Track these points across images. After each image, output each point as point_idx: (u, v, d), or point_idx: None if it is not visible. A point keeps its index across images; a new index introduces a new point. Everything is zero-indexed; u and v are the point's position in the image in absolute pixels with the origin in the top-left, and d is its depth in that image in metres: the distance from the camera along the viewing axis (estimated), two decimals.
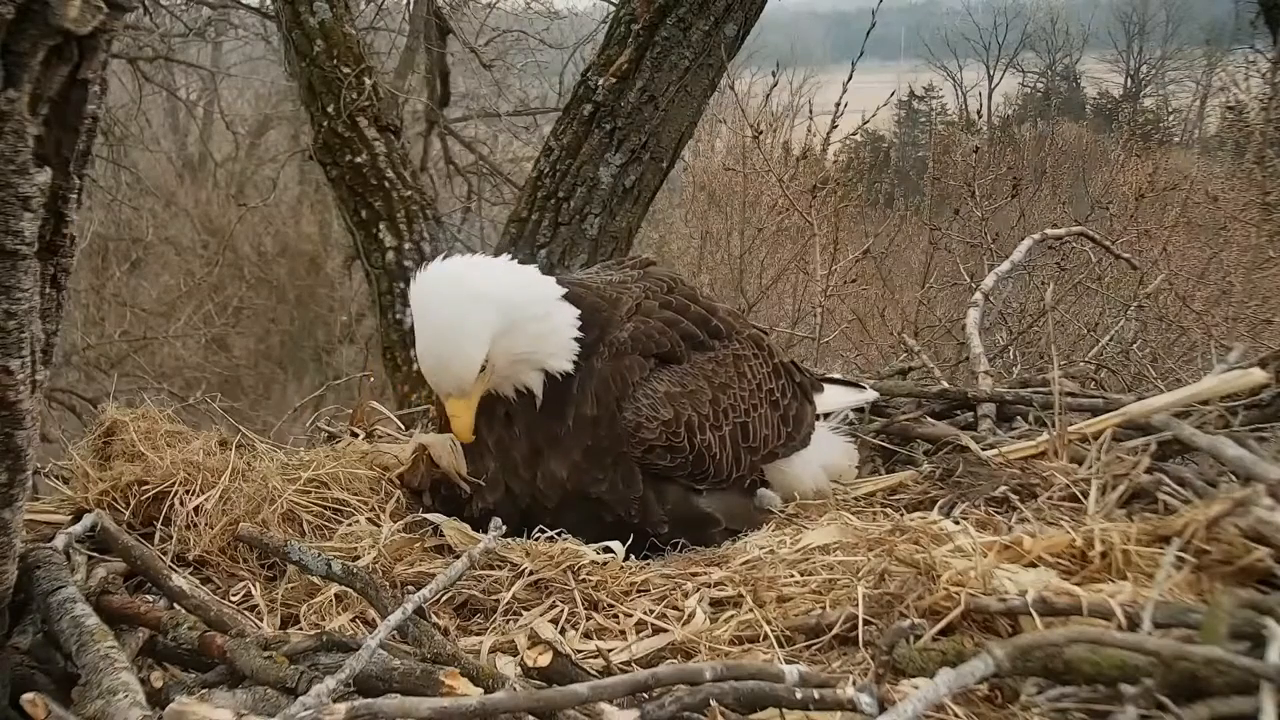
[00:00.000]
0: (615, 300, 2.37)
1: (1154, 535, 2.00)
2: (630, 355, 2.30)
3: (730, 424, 2.38)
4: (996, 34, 32.94)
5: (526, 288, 2.28)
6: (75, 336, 10.92)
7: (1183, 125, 27.81)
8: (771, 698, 1.52)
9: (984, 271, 5.36)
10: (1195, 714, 1.48)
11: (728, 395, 2.40)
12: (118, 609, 1.90)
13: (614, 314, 2.33)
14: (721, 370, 2.42)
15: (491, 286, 2.19)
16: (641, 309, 2.39)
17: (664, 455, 2.29)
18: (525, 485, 2.31)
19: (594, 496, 2.29)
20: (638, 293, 2.43)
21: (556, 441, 2.28)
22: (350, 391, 4.59)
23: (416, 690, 1.55)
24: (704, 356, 2.41)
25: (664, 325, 2.38)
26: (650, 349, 2.34)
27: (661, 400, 2.29)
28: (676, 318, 2.41)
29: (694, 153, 11.93)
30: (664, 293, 2.47)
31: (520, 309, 2.20)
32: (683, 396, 2.31)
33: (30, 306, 1.54)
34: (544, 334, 2.24)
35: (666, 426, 2.27)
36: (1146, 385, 4.05)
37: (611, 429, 2.26)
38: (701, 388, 2.36)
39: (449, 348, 2.14)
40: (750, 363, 2.50)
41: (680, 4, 4.64)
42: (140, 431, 2.45)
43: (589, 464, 2.28)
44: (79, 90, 1.50)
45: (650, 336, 2.35)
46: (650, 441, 2.27)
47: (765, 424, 2.48)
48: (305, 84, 5.55)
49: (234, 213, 13.74)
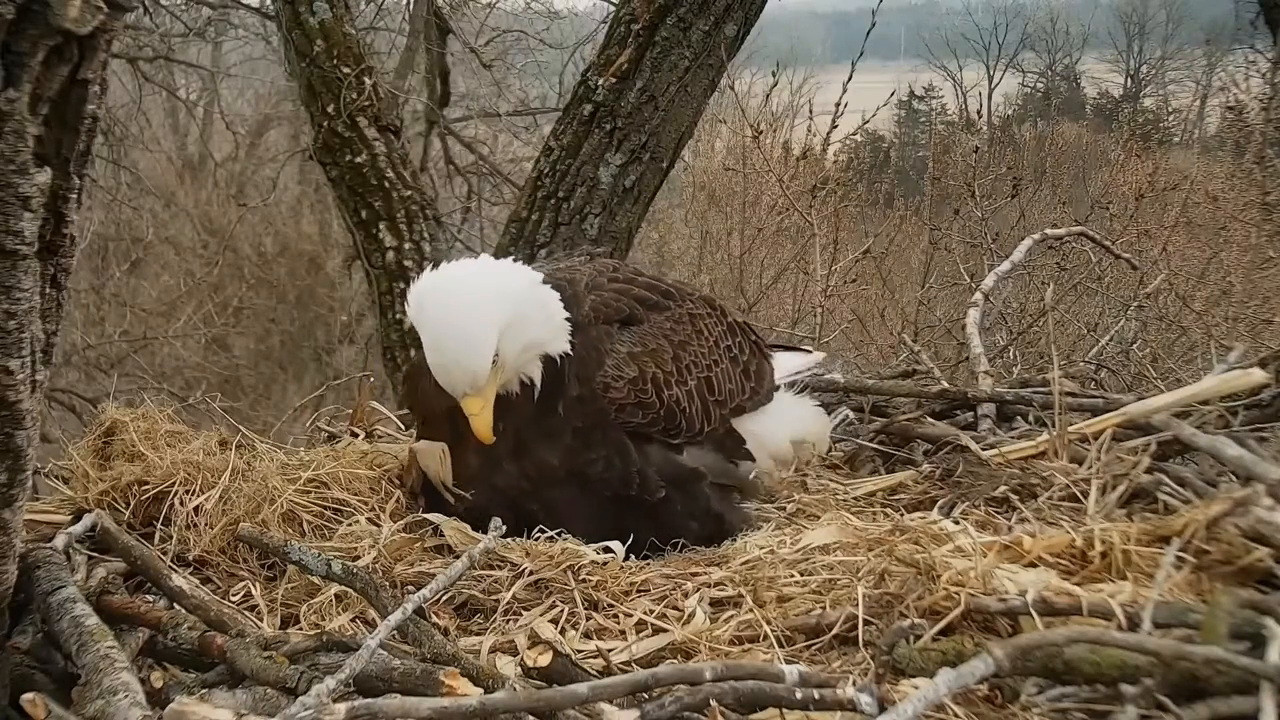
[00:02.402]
0: (572, 280, 2.43)
1: (1154, 535, 2.00)
2: (596, 326, 2.37)
3: (694, 379, 2.45)
4: (996, 34, 32.98)
5: (518, 279, 2.32)
6: (75, 336, 10.91)
7: (1183, 125, 27.78)
8: (771, 698, 1.52)
9: (984, 271, 5.36)
10: (1195, 714, 1.48)
11: (688, 352, 2.46)
12: (118, 609, 1.91)
13: (575, 291, 2.39)
14: (679, 328, 2.49)
15: (488, 283, 2.25)
16: (593, 285, 2.46)
17: (635, 412, 2.34)
18: (511, 479, 2.33)
19: (592, 476, 2.32)
20: (589, 272, 2.50)
21: (546, 430, 2.31)
22: (350, 391, 4.59)
23: (416, 690, 1.55)
24: (661, 316, 2.48)
25: (616, 294, 2.45)
26: (611, 316, 2.41)
27: (625, 360, 2.35)
28: (628, 286, 2.49)
29: (694, 153, 11.92)
30: (611, 270, 2.56)
31: (522, 300, 2.25)
32: (645, 355, 2.38)
33: (30, 306, 1.54)
34: (543, 319, 2.28)
35: (634, 385, 2.33)
36: (1146, 385, 4.05)
37: (594, 402, 2.32)
38: (662, 345, 2.42)
39: (460, 347, 2.16)
40: (705, 320, 2.57)
41: (680, 4, 4.63)
42: (140, 431, 2.45)
43: (581, 445, 2.32)
44: (79, 90, 1.50)
45: (608, 305, 2.42)
46: (620, 400, 2.32)
47: (728, 378, 2.55)
48: (305, 84, 5.54)
49: (234, 213, 13.73)
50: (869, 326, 7.36)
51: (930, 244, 7.78)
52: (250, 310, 14.22)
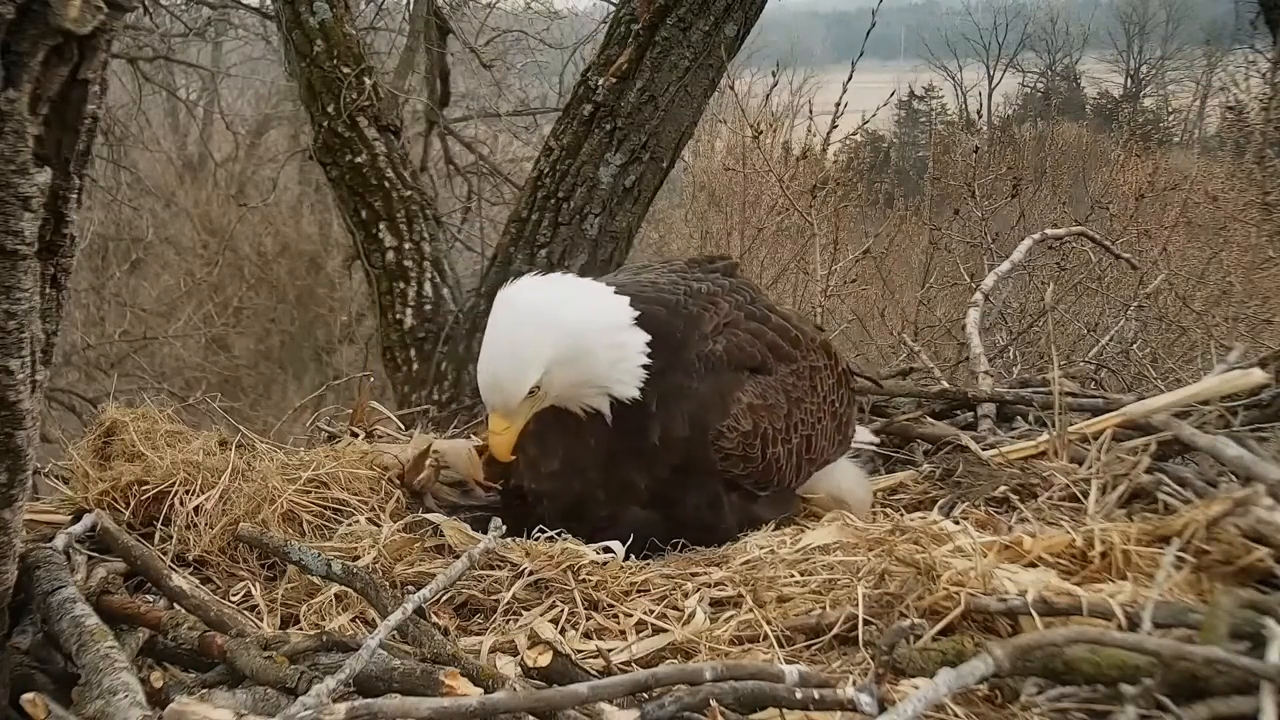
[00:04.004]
0: (696, 317, 2.37)
1: (1154, 535, 2.00)
2: (727, 371, 2.34)
3: (798, 436, 2.43)
4: (996, 34, 33.01)
5: (598, 315, 2.26)
6: (75, 336, 10.90)
7: (1183, 125, 27.81)
8: (771, 698, 1.52)
9: (984, 271, 5.36)
10: (1195, 714, 1.48)
11: (800, 410, 2.44)
12: (118, 609, 1.90)
13: (691, 334, 2.34)
14: (800, 384, 2.46)
15: (560, 313, 2.20)
16: (730, 320, 2.41)
17: (738, 464, 2.33)
18: (591, 486, 2.31)
19: (676, 515, 2.31)
20: (726, 307, 2.43)
21: (637, 454, 2.28)
22: (350, 391, 4.59)
23: (416, 690, 1.55)
24: (786, 369, 2.44)
25: (752, 337, 2.41)
26: (743, 362, 2.38)
27: (745, 411, 2.32)
28: (762, 329, 2.44)
29: (694, 153, 11.91)
30: (748, 303, 2.49)
31: (587, 339, 2.20)
32: (763, 409, 2.35)
33: (30, 306, 1.54)
34: (611, 362, 2.24)
35: (745, 438, 2.31)
36: (1146, 385, 4.06)
37: (702, 449, 2.29)
38: (780, 401, 2.40)
39: (503, 367, 2.17)
40: (821, 374, 2.54)
41: (680, 4, 4.63)
42: (140, 431, 2.45)
43: (675, 482, 2.30)
44: (79, 90, 1.50)
45: (742, 349, 2.38)
46: (728, 450, 2.31)
47: (825, 436, 2.54)
48: (305, 84, 5.54)
49: (234, 213, 13.72)
50: (869, 326, 7.36)
51: (930, 244, 7.78)
52: (250, 310, 14.21)
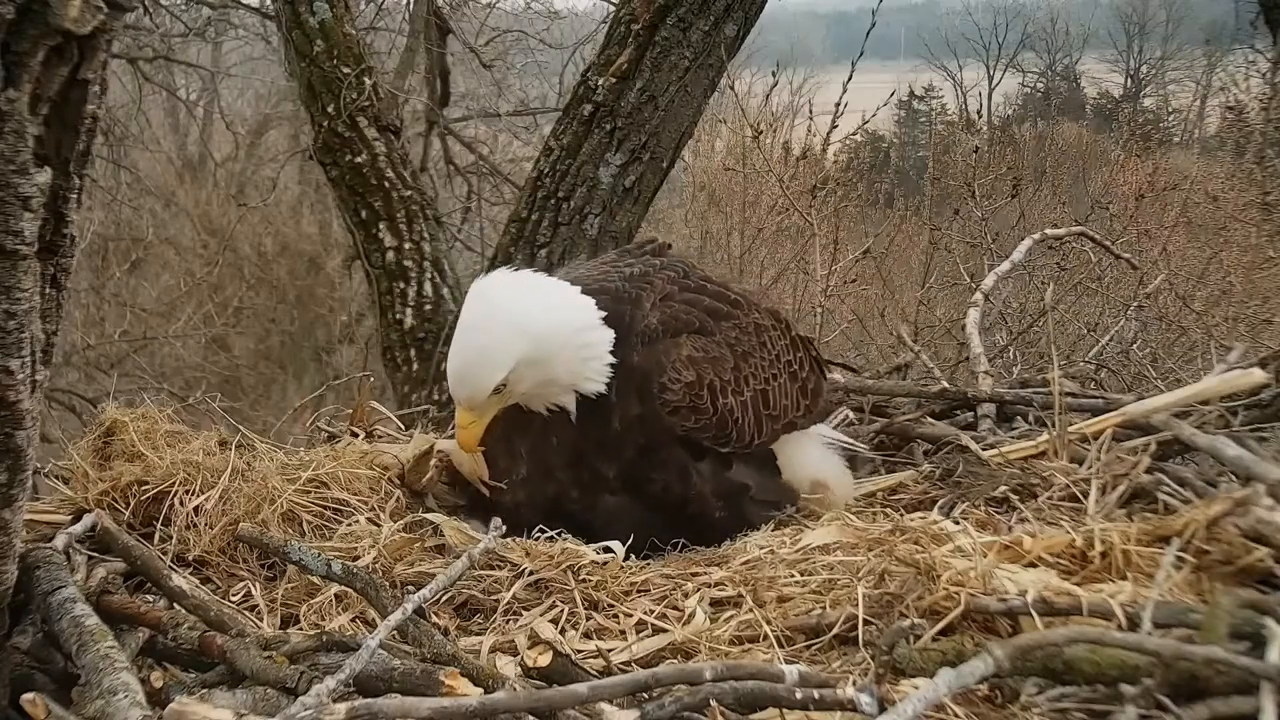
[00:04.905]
0: (635, 299, 2.40)
1: (1154, 535, 2.00)
2: (663, 340, 2.34)
3: (752, 390, 2.43)
4: (996, 34, 32.97)
5: (568, 316, 2.29)
6: (75, 336, 10.89)
7: (1183, 125, 27.81)
8: (771, 698, 1.52)
9: (984, 271, 5.36)
10: (1195, 714, 1.48)
11: (749, 363, 2.44)
12: (118, 609, 1.90)
13: (635, 316, 2.36)
14: (744, 338, 2.47)
15: (532, 315, 2.22)
16: (665, 295, 2.43)
17: (688, 416, 2.31)
18: (562, 486, 2.33)
19: (649, 495, 2.32)
20: (660, 284, 2.46)
21: (601, 445, 2.30)
22: (350, 391, 4.59)
23: (416, 690, 1.55)
24: (728, 325, 2.45)
25: (687, 305, 2.43)
26: (680, 329, 2.38)
27: (684, 362, 2.32)
28: (698, 297, 2.47)
29: (694, 153, 11.91)
30: (682, 276, 2.52)
31: (556, 341, 2.23)
32: (705, 361, 2.35)
33: (30, 306, 1.54)
34: (580, 360, 2.27)
35: (690, 389, 2.31)
36: (1146, 385, 4.05)
37: (656, 420, 2.30)
38: (724, 354, 2.40)
39: (471, 361, 2.19)
40: (770, 333, 2.55)
41: (680, 4, 4.64)
42: (140, 431, 2.45)
43: (642, 463, 2.32)
44: (79, 90, 1.50)
45: (677, 318, 2.39)
46: (675, 404, 2.30)
47: (785, 394, 2.53)
48: (305, 84, 5.55)
49: (234, 213, 13.71)
50: (869, 326, 7.35)
51: (930, 244, 7.77)
52: (250, 310, 14.21)
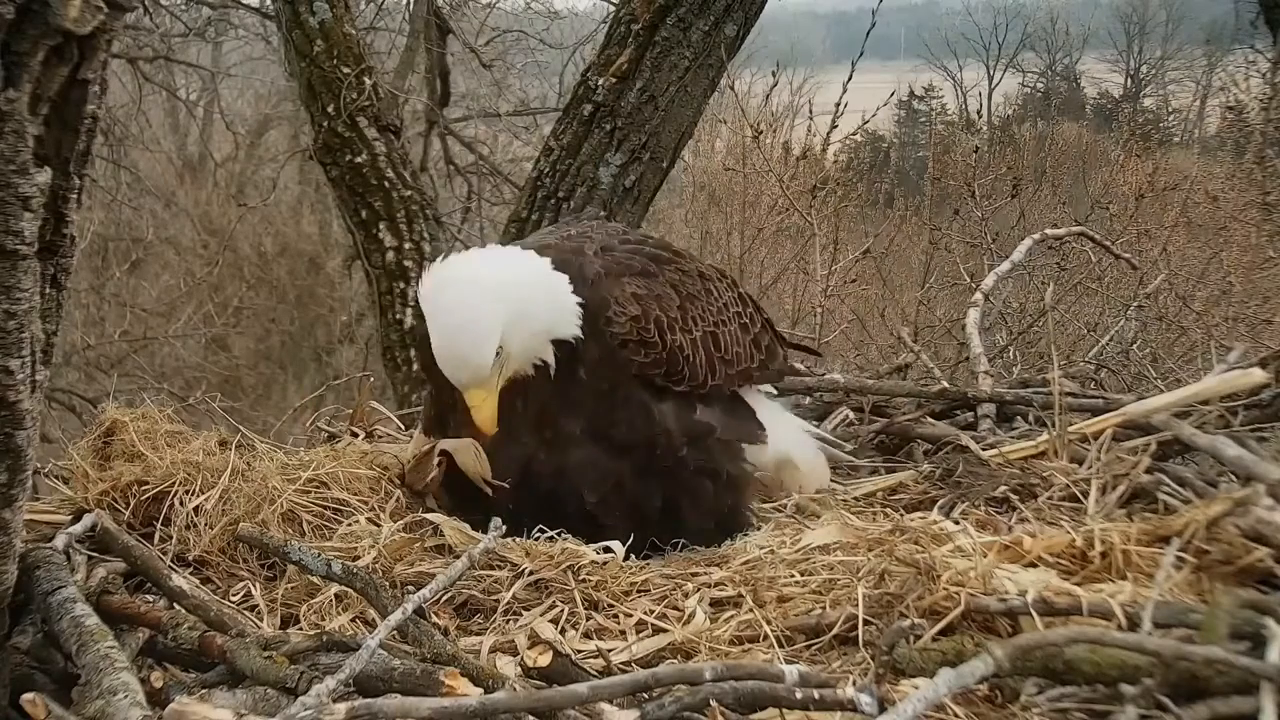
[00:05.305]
0: (579, 250, 2.43)
1: (1154, 535, 2.00)
2: (605, 281, 2.35)
3: (700, 330, 2.45)
4: (996, 34, 32.94)
5: (524, 267, 2.33)
6: (75, 336, 10.90)
7: (1183, 125, 27.80)
8: (771, 698, 1.52)
9: (984, 271, 5.36)
10: (1195, 714, 1.48)
11: (695, 306, 2.47)
12: (118, 609, 1.90)
13: (583, 261, 2.39)
14: (688, 281, 2.49)
15: (493, 275, 2.27)
16: (606, 247, 2.47)
17: (638, 350, 2.33)
18: (529, 448, 2.34)
19: (615, 439, 2.33)
20: (599, 238, 2.51)
21: (570, 401, 2.32)
22: (350, 391, 4.60)
23: (416, 690, 1.56)
24: (669, 268, 2.48)
25: (629, 253, 2.47)
26: (622, 272, 2.40)
27: (628, 298, 2.34)
28: (639, 247, 2.52)
29: (694, 153, 11.89)
30: (622, 233, 2.59)
31: (524, 289, 2.26)
32: (649, 298, 2.37)
33: (30, 306, 1.54)
34: (550, 306, 2.28)
35: (635, 322, 2.32)
36: (1146, 385, 4.05)
37: (611, 359, 2.31)
38: (668, 293, 2.42)
39: (464, 341, 2.19)
40: (715, 284, 2.58)
41: (680, 4, 4.63)
42: (140, 431, 2.45)
43: (604, 408, 2.33)
44: (79, 90, 1.50)
45: (620, 262, 2.42)
46: (623, 336, 2.31)
47: (736, 341, 2.55)
48: (305, 84, 5.54)
49: (234, 213, 13.70)
50: (869, 326, 7.35)
51: (930, 244, 7.77)
52: (250, 310, 14.21)
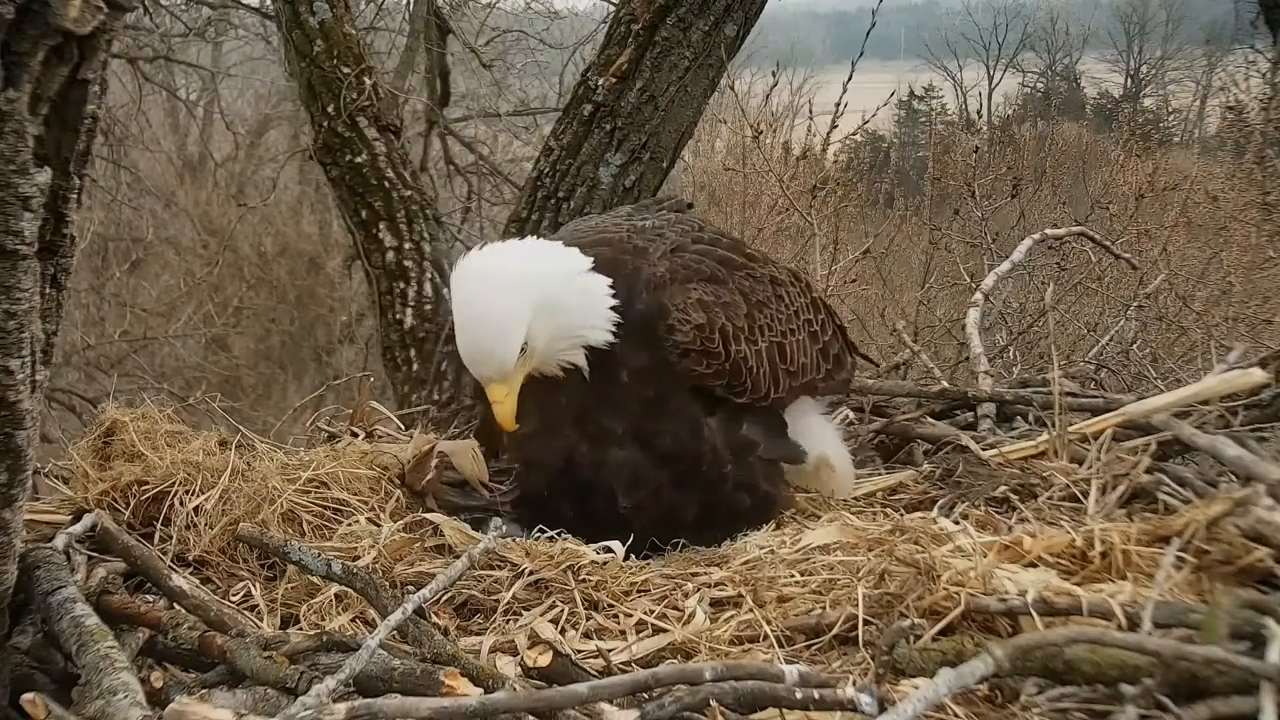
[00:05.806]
0: (641, 249, 2.34)
1: (1154, 535, 2.00)
2: (669, 287, 2.27)
3: (766, 340, 2.36)
4: (996, 34, 32.96)
5: (557, 263, 2.26)
6: (75, 336, 10.89)
7: (1183, 125, 27.80)
8: (771, 698, 1.52)
9: (984, 271, 5.36)
10: (1195, 714, 1.48)
11: (764, 314, 2.38)
12: (118, 609, 1.90)
13: (640, 265, 2.30)
14: (759, 288, 2.40)
15: (523, 269, 2.20)
16: (678, 246, 2.37)
17: (699, 360, 2.25)
18: (570, 441, 2.29)
19: (659, 448, 2.28)
20: (672, 236, 2.40)
21: (608, 400, 2.26)
22: (350, 391, 4.60)
23: (416, 690, 1.55)
24: (740, 274, 2.39)
25: (699, 256, 2.37)
26: (691, 277, 2.31)
27: (693, 305, 2.26)
28: (710, 249, 2.41)
29: (694, 153, 11.89)
30: (696, 230, 2.47)
31: (554, 287, 2.20)
32: (716, 305, 2.28)
33: (30, 306, 1.54)
34: (582, 306, 2.23)
35: (700, 331, 2.24)
36: (1146, 385, 4.05)
37: (666, 370, 2.24)
38: (736, 301, 2.33)
39: (488, 334, 2.14)
40: (787, 289, 2.48)
41: (680, 4, 4.63)
42: (140, 431, 2.45)
43: (649, 416, 2.27)
44: (79, 90, 1.50)
45: (687, 266, 2.33)
46: (685, 345, 2.24)
47: (803, 351, 2.46)
48: (305, 84, 5.54)
49: (234, 213, 13.70)
50: (869, 326, 7.35)
51: (930, 244, 7.77)
52: (250, 310, 14.21)
